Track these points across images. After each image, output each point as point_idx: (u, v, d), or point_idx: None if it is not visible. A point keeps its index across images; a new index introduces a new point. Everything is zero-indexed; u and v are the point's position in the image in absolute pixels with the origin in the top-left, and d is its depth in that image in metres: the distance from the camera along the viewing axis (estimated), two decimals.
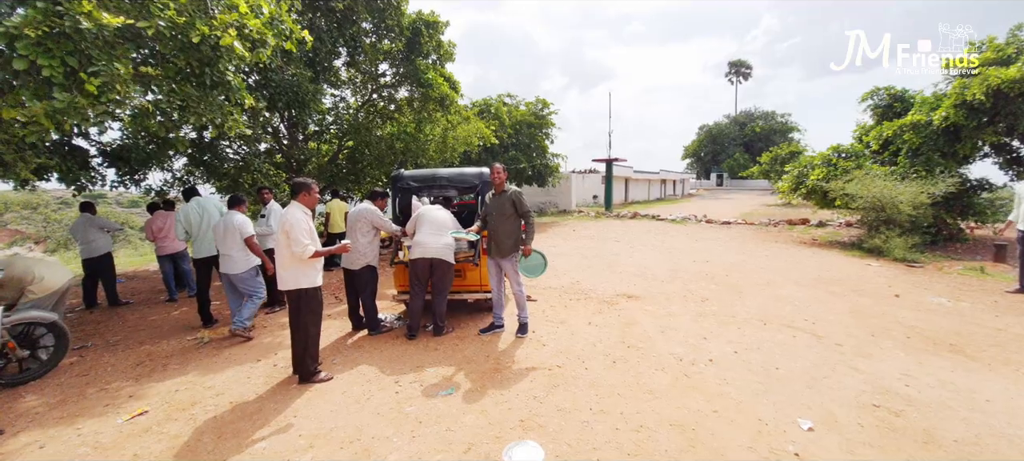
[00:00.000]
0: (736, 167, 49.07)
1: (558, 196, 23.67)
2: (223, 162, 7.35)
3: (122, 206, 24.74)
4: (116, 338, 5.13)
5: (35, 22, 2.75)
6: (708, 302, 5.85)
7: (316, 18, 7.62)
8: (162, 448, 2.87)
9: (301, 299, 3.71)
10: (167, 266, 6.68)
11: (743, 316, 5.25)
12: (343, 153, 10.20)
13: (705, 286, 6.71)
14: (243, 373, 4.00)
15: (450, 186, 5.61)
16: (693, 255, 9.44)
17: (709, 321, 5.09)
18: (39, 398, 3.63)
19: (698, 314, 5.35)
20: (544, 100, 19.03)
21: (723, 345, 4.36)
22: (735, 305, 5.70)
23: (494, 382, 3.66)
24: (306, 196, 3.77)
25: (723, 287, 6.64)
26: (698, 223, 16.05)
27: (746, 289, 6.50)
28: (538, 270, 4.72)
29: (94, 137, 5.82)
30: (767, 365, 3.90)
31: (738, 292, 6.34)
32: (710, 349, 4.26)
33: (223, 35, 3.34)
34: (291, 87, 7.04)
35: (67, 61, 2.79)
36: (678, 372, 3.78)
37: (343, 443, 2.88)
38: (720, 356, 4.09)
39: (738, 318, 5.18)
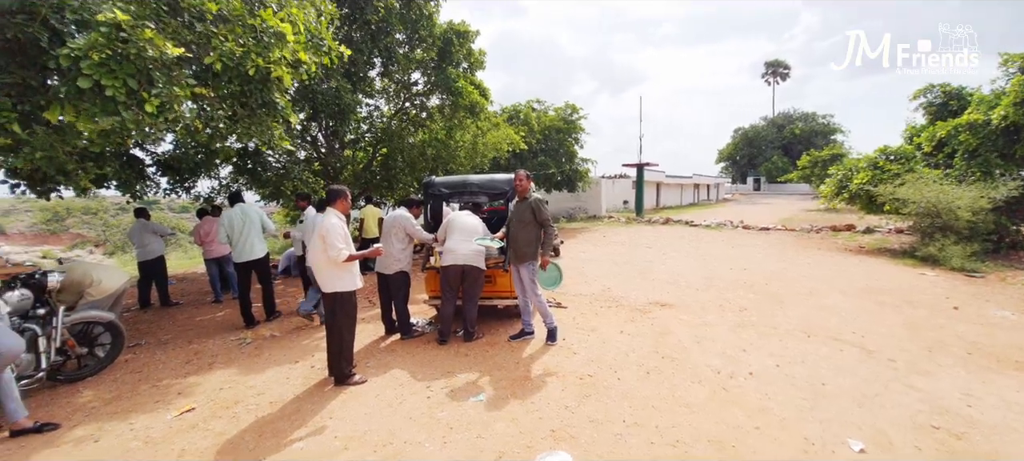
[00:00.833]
0: (774, 171, 47.28)
1: (588, 201, 23.44)
2: (266, 170, 7.72)
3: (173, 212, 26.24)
4: (167, 337, 5.42)
5: (99, 45, 2.96)
6: (747, 312, 5.63)
7: (352, 31, 7.87)
8: (207, 444, 3.00)
9: (336, 302, 3.81)
10: (213, 269, 7.03)
11: (785, 327, 5.02)
12: (377, 160, 10.47)
13: (743, 295, 6.47)
14: (282, 374, 4.14)
15: (480, 192, 5.65)
16: (729, 262, 9.12)
17: (748, 332, 4.89)
18: (95, 393, 3.87)
19: (736, 324, 5.15)
20: (573, 105, 18.94)
21: (764, 358, 4.18)
22: (776, 315, 5.46)
23: (524, 390, 3.64)
24: (342, 203, 3.89)
25: (762, 296, 6.38)
26: (734, 229, 15.53)
27: (787, 299, 6.22)
28: (553, 282, 4.64)
29: (149, 148, 6.22)
30: (812, 380, 3.70)
31: (779, 302, 6.07)
32: (750, 362, 4.09)
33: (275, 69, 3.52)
34: (333, 98, 7.36)
35: (128, 82, 2.99)
36: (716, 385, 3.64)
37: (376, 446, 2.92)
38: (761, 369, 3.92)
39: (779, 329, 4.96)
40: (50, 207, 24.53)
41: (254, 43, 3.54)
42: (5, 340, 3.03)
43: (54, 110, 2.95)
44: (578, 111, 18.84)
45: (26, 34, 3.05)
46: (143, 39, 3.05)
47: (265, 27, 3.57)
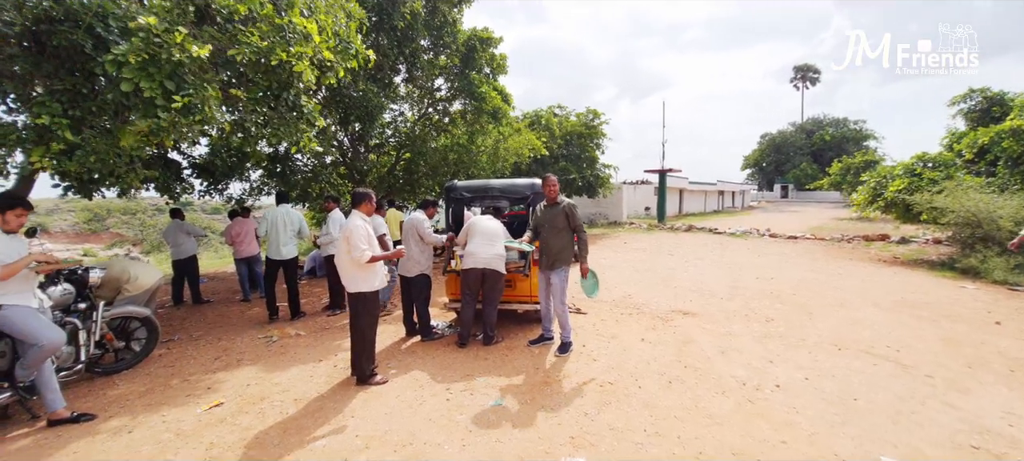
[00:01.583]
0: (803, 178, 45.95)
1: (608, 208, 23.24)
2: (294, 173, 7.96)
3: (206, 213, 27.22)
4: (198, 333, 5.61)
5: (137, 50, 3.11)
6: (773, 322, 5.47)
7: (379, 37, 8.05)
8: (235, 439, 3.09)
9: (360, 303, 3.88)
10: (243, 269, 7.26)
11: (814, 339, 4.86)
12: (400, 164, 10.64)
13: (769, 305, 6.29)
14: (306, 372, 4.23)
15: (502, 197, 5.67)
16: (755, 271, 8.89)
17: (775, 343, 4.75)
18: (130, 386, 4.03)
19: (762, 335, 5.01)
20: (595, 110, 18.87)
21: (791, 370, 4.05)
22: (805, 327, 5.29)
23: (544, 395, 3.62)
24: (366, 205, 3.97)
25: (790, 306, 6.19)
26: (760, 237, 15.14)
27: (817, 310, 6.02)
28: (591, 290, 4.54)
29: (186, 151, 6.50)
30: (843, 395, 3.57)
31: (807, 313, 5.88)
32: (777, 374, 3.97)
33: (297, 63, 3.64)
34: (360, 102, 7.57)
35: (166, 84, 3.13)
36: (741, 397, 3.55)
37: (396, 447, 2.95)
38: (788, 382, 3.80)
39: (808, 341, 4.80)
40: (91, 207, 25.78)
41: (279, 39, 3.65)
42: (47, 332, 3.19)
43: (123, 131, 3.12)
44: (600, 116, 18.76)
45: (71, 40, 3.23)
46: (173, 43, 3.18)
47: (292, 26, 3.68)
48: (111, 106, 3.20)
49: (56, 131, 3.08)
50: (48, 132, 3.14)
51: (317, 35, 3.72)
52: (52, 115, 3.14)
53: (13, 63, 3.29)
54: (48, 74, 3.39)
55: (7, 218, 3.10)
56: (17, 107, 3.66)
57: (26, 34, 3.28)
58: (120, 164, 3.50)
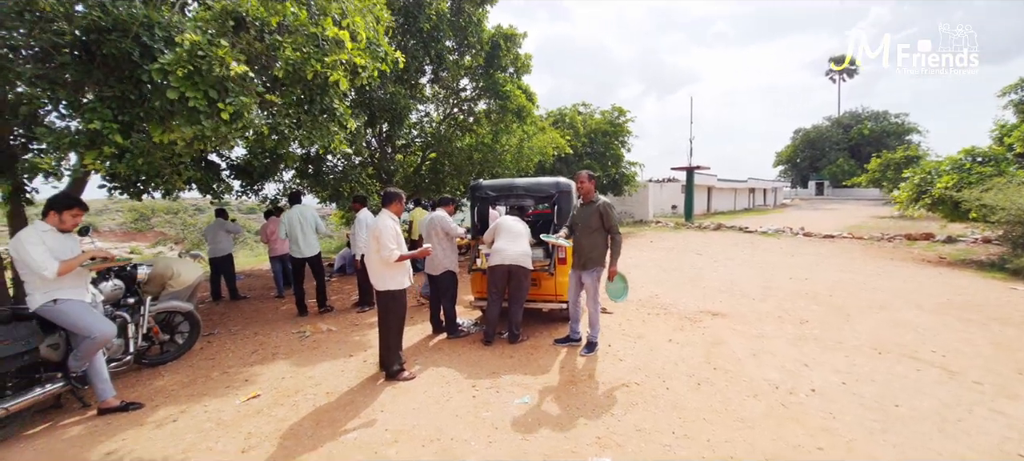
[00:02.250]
0: (839, 174, 44.09)
1: (634, 206, 22.91)
2: (326, 174, 8.21)
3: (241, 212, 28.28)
4: (236, 328, 5.86)
5: (183, 60, 3.27)
6: (808, 324, 5.29)
7: (406, 40, 8.18)
8: (271, 430, 3.21)
9: (388, 300, 3.96)
10: (277, 266, 7.55)
11: (852, 342, 4.67)
12: (426, 164, 10.78)
13: (804, 306, 6.08)
14: (338, 367, 4.35)
15: (527, 195, 5.67)
16: (789, 271, 8.61)
17: (810, 346, 4.60)
18: (174, 377, 4.24)
19: (796, 337, 4.86)
20: (620, 107, 18.58)
21: (828, 374, 3.91)
22: (842, 329, 5.10)
23: (569, 394, 3.61)
24: (396, 205, 4.06)
25: (826, 308, 5.97)
26: (794, 236, 14.63)
27: (855, 312, 5.78)
28: (620, 294, 4.44)
29: (224, 153, 6.81)
30: (884, 400, 3.42)
31: (845, 315, 5.66)
32: (812, 377, 3.84)
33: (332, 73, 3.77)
34: (388, 104, 7.74)
35: (209, 93, 3.29)
36: (774, 401, 3.45)
37: (424, 441, 3.01)
38: (824, 386, 3.67)
39: (846, 344, 4.62)
40: (138, 207, 27.20)
41: (314, 49, 3.78)
42: (100, 325, 3.39)
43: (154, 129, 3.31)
44: (625, 114, 18.47)
45: (119, 49, 3.42)
46: (215, 57, 3.34)
47: (325, 35, 3.80)
48: (157, 112, 3.38)
49: (107, 135, 3.27)
50: (99, 136, 3.34)
51: (349, 42, 3.83)
52: (103, 120, 3.33)
53: (65, 71, 3.50)
54: (98, 81, 3.60)
55: (63, 218, 3.32)
56: (69, 113, 3.90)
57: (76, 44, 3.48)
58: (166, 167, 3.70)
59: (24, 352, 3.16)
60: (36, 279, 3.16)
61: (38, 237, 3.17)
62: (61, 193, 3.50)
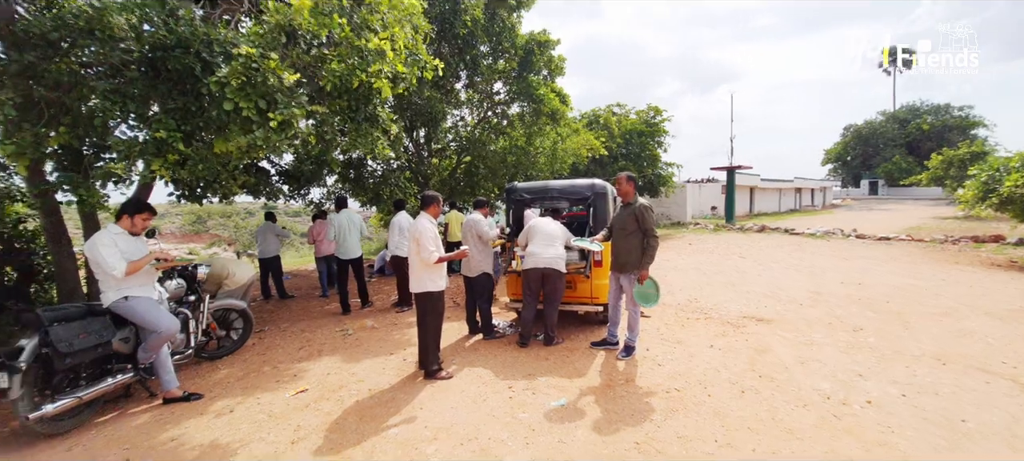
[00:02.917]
0: (896, 172, 41.31)
1: (671, 207, 22.34)
2: (367, 178, 8.53)
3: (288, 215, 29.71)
4: (284, 325, 6.16)
5: (237, 73, 3.49)
6: (863, 332, 5.00)
7: (442, 46, 8.37)
8: (318, 423, 3.36)
9: (427, 301, 4.06)
10: (322, 266, 7.91)
11: (912, 352, 4.38)
12: (461, 167, 10.95)
13: (858, 313, 5.75)
14: (379, 364, 4.49)
15: (562, 197, 5.66)
16: (840, 275, 8.15)
17: (864, 355, 4.34)
18: (229, 371, 4.50)
19: (849, 345, 4.60)
20: (656, 107, 18.20)
21: (885, 385, 3.68)
22: (901, 337, 4.78)
23: (607, 398, 3.58)
24: (434, 208, 4.16)
25: (883, 315, 5.62)
26: (846, 238, 13.84)
27: (915, 319, 5.41)
28: (651, 299, 4.34)
29: (274, 160, 7.21)
30: (949, 414, 3.19)
31: (904, 322, 5.31)
32: (867, 388, 3.63)
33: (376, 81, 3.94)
34: (425, 109, 7.96)
35: (259, 103, 3.50)
36: (825, 411, 3.28)
37: (462, 440, 3.06)
38: (881, 398, 3.46)
39: (905, 354, 4.34)
40: (195, 211, 29.06)
41: (358, 60, 3.94)
42: (166, 320, 3.66)
43: (219, 142, 3.56)
44: (661, 113, 18.08)
45: (183, 65, 3.69)
46: (267, 68, 3.54)
47: (368, 47, 3.95)
48: (215, 122, 3.62)
49: (171, 144, 3.53)
50: (165, 145, 3.60)
51: (391, 52, 3.97)
52: (168, 130, 3.60)
53: (134, 86, 3.80)
54: (163, 94, 3.88)
55: (135, 221, 3.60)
56: (137, 124, 4.23)
57: (144, 60, 3.78)
58: (222, 173, 3.95)
59: (98, 345, 3.44)
60: (108, 278, 3.45)
61: (111, 239, 3.45)
62: (133, 198, 3.80)
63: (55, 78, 3.53)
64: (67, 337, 3.21)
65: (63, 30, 3.50)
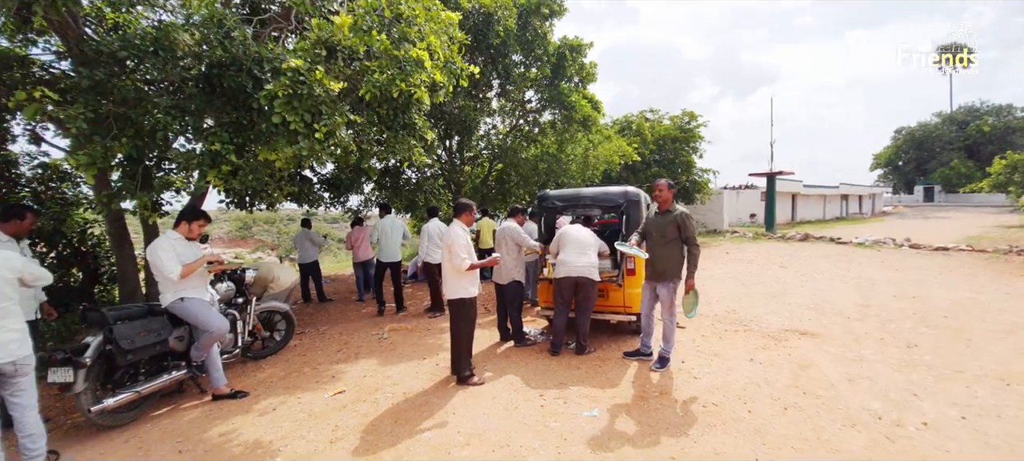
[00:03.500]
0: (953, 178, 38.71)
1: (707, 215, 21.70)
2: (402, 186, 8.78)
3: (326, 222, 30.83)
4: (323, 328, 6.39)
5: (284, 87, 3.68)
6: (917, 349, 4.70)
7: (475, 56, 8.52)
8: (355, 423, 3.46)
9: (460, 307, 4.12)
10: (359, 272, 8.17)
11: (974, 371, 4.08)
12: (493, 175, 11.06)
13: (912, 328, 5.41)
14: (413, 368, 4.59)
15: (594, 205, 5.63)
16: (892, 288, 7.69)
17: (920, 373, 4.08)
18: (272, 371, 4.70)
19: (903, 363, 4.33)
20: (691, 112, 17.79)
21: (943, 406, 3.45)
22: (961, 356, 4.47)
23: (640, 410, 3.51)
24: (467, 216, 4.24)
25: (940, 331, 5.26)
26: (898, 248, 13.05)
27: (977, 336, 5.04)
28: (691, 309, 4.26)
29: (316, 169, 7.56)
30: (1013, 439, 2.96)
31: (964, 339, 4.95)
32: (923, 409, 3.41)
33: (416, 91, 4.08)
34: (459, 118, 8.14)
35: (305, 116, 3.69)
36: (876, 433, 3.10)
37: (494, 447, 3.08)
38: (939, 420, 3.25)
39: (966, 373, 4.04)
40: (242, 217, 30.63)
41: (398, 71, 4.09)
42: (217, 321, 3.87)
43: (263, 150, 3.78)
44: (696, 118, 17.65)
45: (236, 82, 3.93)
46: (314, 80, 3.73)
47: (407, 57, 4.09)
48: (264, 134, 3.83)
49: (225, 155, 3.77)
50: (219, 156, 3.84)
51: (428, 61, 4.10)
52: (222, 142, 3.84)
53: (191, 101, 4.08)
54: (218, 109, 4.15)
55: (192, 227, 3.85)
56: (192, 137, 4.53)
57: (201, 77, 4.06)
58: (270, 182, 4.18)
59: (156, 342, 3.67)
60: (166, 280, 3.69)
61: (169, 244, 3.70)
62: (190, 206, 4.06)
63: (122, 94, 3.83)
64: (129, 335, 3.44)
65: (129, 49, 3.81)
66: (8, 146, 5.74)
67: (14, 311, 2.80)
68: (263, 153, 3.90)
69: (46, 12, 3.45)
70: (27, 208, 3.78)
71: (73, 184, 6.30)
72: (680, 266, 4.21)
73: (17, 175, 5.84)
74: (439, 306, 6.75)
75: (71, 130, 3.59)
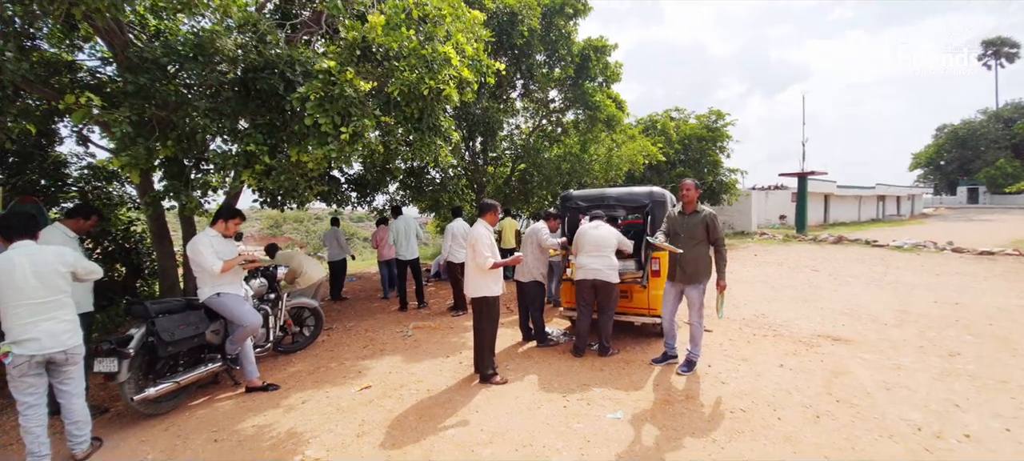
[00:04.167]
0: (1000, 178, 36.64)
1: (735, 216, 21.16)
2: (426, 186, 8.91)
3: (352, 221, 31.54)
4: (350, 324, 6.54)
5: (316, 89, 3.79)
6: (960, 358, 4.48)
7: (499, 57, 8.57)
8: (381, 418, 3.53)
9: (483, 305, 4.15)
10: (384, 270, 8.33)
11: (1020, 381, 3.87)
12: (515, 175, 11.09)
13: (955, 336, 5.16)
14: (437, 366, 4.65)
15: (618, 205, 5.57)
16: (933, 294, 7.35)
17: (962, 383, 3.89)
18: (302, 365, 4.84)
19: (943, 372, 4.14)
20: (718, 111, 17.38)
21: (986, 418, 3.28)
22: (1007, 365, 4.24)
23: (665, 414, 3.47)
24: (491, 215, 4.26)
25: (984, 339, 5.00)
26: (939, 252, 12.45)
27: (1023, 345, 4.78)
28: (721, 308, 4.22)
29: (344, 169, 7.76)
30: None
31: (1010, 348, 4.70)
32: (965, 421, 3.26)
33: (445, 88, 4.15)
34: (483, 119, 8.23)
35: (334, 118, 3.79)
36: (914, 444, 2.98)
37: (517, 446, 3.09)
38: (982, 432, 3.09)
39: (1011, 383, 3.84)
40: (273, 216, 31.64)
41: (426, 70, 4.16)
42: (251, 316, 4.01)
43: (295, 151, 3.91)
44: (724, 117, 17.24)
45: (270, 84, 4.06)
46: (345, 80, 3.83)
47: (435, 55, 4.16)
48: (296, 136, 3.96)
49: (259, 156, 3.91)
50: (253, 157, 3.99)
51: (456, 58, 4.16)
52: (256, 143, 3.99)
53: (228, 105, 4.24)
54: (252, 111, 4.31)
55: (228, 225, 4.00)
56: (228, 138, 4.71)
57: (237, 81, 4.21)
58: (302, 182, 4.31)
59: (195, 335, 3.83)
60: (205, 275, 3.84)
61: (208, 241, 3.85)
62: (226, 204, 4.22)
63: (164, 98, 4.01)
64: (170, 328, 3.60)
65: (171, 55, 3.99)
66: (57, 147, 6.10)
67: (66, 303, 2.97)
68: (294, 154, 4.03)
69: (91, 19, 3.64)
70: (93, 209, 4.02)
71: (119, 184, 6.64)
72: (710, 267, 4.14)
73: (66, 175, 6.18)
74: (461, 305, 6.81)
75: (116, 133, 3.78)
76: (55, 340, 2.87)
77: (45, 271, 2.87)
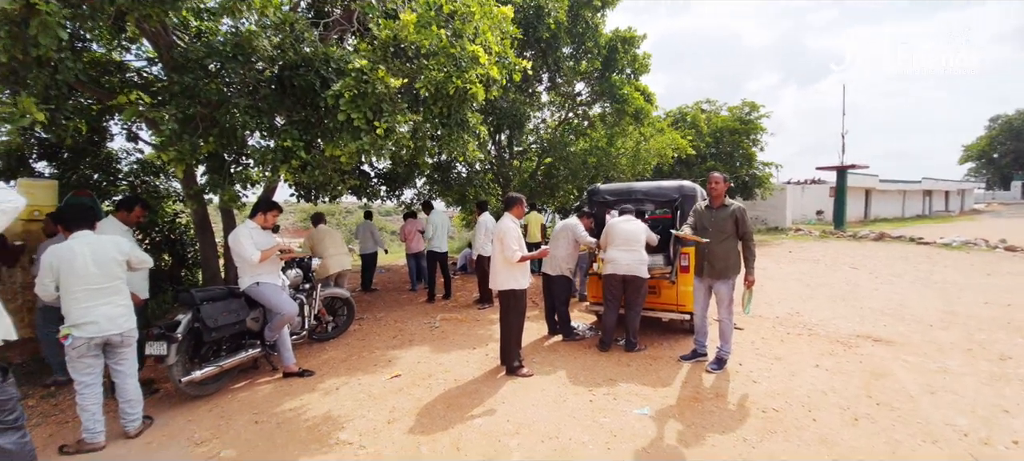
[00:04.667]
0: None
1: (768, 211, 20.48)
2: (453, 180, 9.04)
3: (380, 214, 32.28)
4: (380, 315, 6.72)
5: (349, 87, 3.89)
6: (1011, 362, 4.24)
7: (526, 50, 8.55)
8: (410, 406, 3.63)
9: (509, 299, 4.19)
10: (412, 263, 8.52)
11: None
12: (541, 169, 11.06)
13: (1005, 339, 4.88)
14: (464, 357, 4.73)
15: (646, 200, 5.49)
16: (982, 294, 6.95)
17: (1013, 388, 3.69)
18: (335, 353, 5.01)
19: (992, 376, 3.93)
20: (752, 103, 16.81)
21: None
22: None
23: (694, 412, 3.43)
24: (518, 209, 4.29)
25: None
26: (990, 250, 11.72)
27: None
28: (748, 304, 4.15)
29: (375, 164, 7.96)
30: None
31: None
32: (1015, 426, 3.09)
33: (472, 87, 4.20)
34: (510, 113, 8.28)
35: (367, 114, 3.89)
36: (960, 450, 2.85)
37: (543, 438, 3.12)
38: None
39: None
40: (306, 209, 32.76)
41: (454, 68, 4.21)
42: (288, 304, 4.18)
43: (329, 146, 4.04)
44: (758, 109, 16.67)
45: (306, 81, 4.19)
46: (376, 78, 3.92)
47: (463, 54, 4.20)
48: (330, 131, 4.08)
49: (296, 151, 4.05)
50: (290, 152, 4.14)
51: (483, 57, 4.18)
52: (292, 139, 4.13)
53: (266, 102, 4.41)
54: (289, 108, 4.46)
55: (267, 217, 4.18)
56: (266, 134, 4.89)
57: (274, 79, 4.37)
58: (335, 176, 4.45)
59: (236, 322, 4.02)
60: (245, 265, 4.03)
61: (248, 232, 4.03)
62: (263, 197, 4.40)
63: (207, 96, 4.21)
64: (214, 314, 3.80)
65: (214, 55, 4.17)
66: (108, 144, 6.48)
67: (122, 289, 3.18)
68: (328, 149, 4.16)
69: (140, 21, 3.84)
70: (136, 201, 4.27)
71: (165, 178, 7.01)
72: (738, 262, 4.06)
73: (116, 169, 6.57)
74: (487, 298, 6.88)
75: (164, 130, 3.99)
76: (112, 323, 3.08)
77: (104, 259, 3.08)
